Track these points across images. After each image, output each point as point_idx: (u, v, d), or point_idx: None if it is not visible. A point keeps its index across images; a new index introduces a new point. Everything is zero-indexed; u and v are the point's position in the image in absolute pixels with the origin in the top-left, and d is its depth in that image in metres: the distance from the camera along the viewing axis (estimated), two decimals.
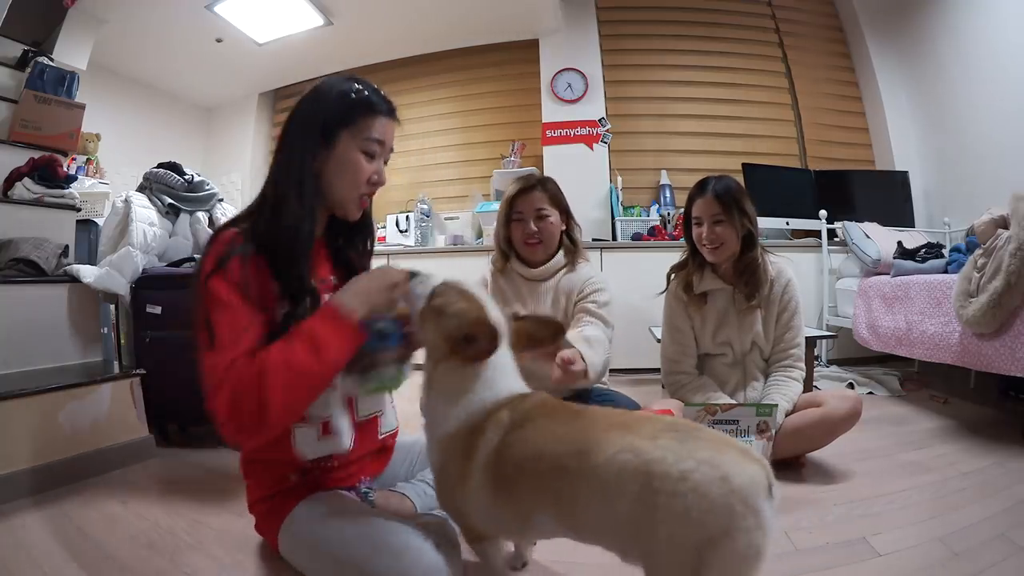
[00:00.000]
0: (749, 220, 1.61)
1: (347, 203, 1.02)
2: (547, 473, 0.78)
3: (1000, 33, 2.89)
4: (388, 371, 1.01)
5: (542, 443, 0.80)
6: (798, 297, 1.66)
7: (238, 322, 0.87)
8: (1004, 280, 1.67)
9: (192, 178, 2.28)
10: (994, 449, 1.68)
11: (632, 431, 0.74)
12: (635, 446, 0.71)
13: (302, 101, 1.00)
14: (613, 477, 0.71)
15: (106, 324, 2.16)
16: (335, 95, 0.97)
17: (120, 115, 3.94)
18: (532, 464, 0.79)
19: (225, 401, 0.81)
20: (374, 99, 0.99)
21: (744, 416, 1.37)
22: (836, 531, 1.19)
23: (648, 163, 3.70)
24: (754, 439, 1.35)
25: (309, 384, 0.85)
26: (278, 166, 0.98)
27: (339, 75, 1.03)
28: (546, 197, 1.73)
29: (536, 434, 0.82)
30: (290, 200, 0.93)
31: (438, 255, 3.38)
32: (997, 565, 1.02)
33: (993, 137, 2.96)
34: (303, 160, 0.95)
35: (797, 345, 1.63)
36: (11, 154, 2.13)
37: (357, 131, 0.97)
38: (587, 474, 0.74)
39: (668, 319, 1.76)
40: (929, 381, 2.67)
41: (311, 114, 0.97)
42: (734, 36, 3.81)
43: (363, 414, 1.09)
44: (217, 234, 0.96)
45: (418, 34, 3.93)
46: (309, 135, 0.96)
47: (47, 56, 2.50)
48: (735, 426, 1.36)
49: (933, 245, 2.64)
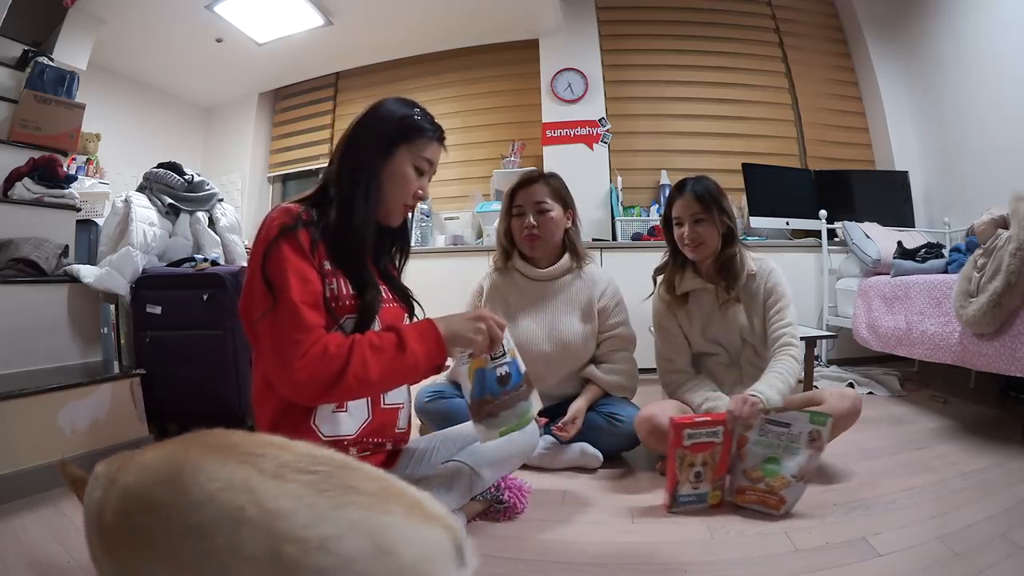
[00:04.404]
0: (728, 218, 1.63)
1: (394, 211, 1.12)
2: (137, 513, 0.55)
3: (1000, 33, 2.89)
4: (518, 409, 1.13)
5: (132, 477, 0.59)
6: (783, 282, 1.65)
7: (309, 283, 0.96)
8: (1004, 280, 1.67)
9: (192, 178, 2.28)
10: (994, 449, 1.68)
11: (248, 460, 0.51)
12: (250, 485, 0.49)
13: (366, 114, 1.11)
14: (213, 523, 0.48)
15: (106, 324, 2.16)
16: (399, 114, 1.09)
17: (120, 115, 3.94)
18: (121, 504, 0.58)
19: (313, 361, 0.90)
20: (431, 125, 1.12)
21: (797, 421, 1.28)
22: (836, 531, 1.19)
23: (648, 163, 3.70)
24: (803, 448, 1.28)
25: (394, 373, 0.97)
26: (345, 168, 1.07)
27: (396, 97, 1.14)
28: (548, 191, 1.72)
29: (130, 469, 0.61)
30: (358, 201, 1.04)
31: (438, 255, 3.37)
32: (997, 565, 1.02)
33: (993, 137, 2.96)
34: (371, 167, 1.06)
35: (789, 324, 1.60)
36: (11, 154, 2.13)
37: (414, 148, 1.09)
38: (182, 510, 0.50)
39: (657, 321, 1.77)
40: (929, 381, 2.68)
41: (376, 127, 1.08)
42: (734, 36, 3.81)
43: (388, 403, 1.14)
44: (282, 207, 1.02)
45: (418, 34, 3.93)
46: (375, 145, 1.07)
47: (47, 56, 2.50)
48: (787, 429, 1.29)
49: (933, 245, 2.64)
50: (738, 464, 1.34)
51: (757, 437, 1.33)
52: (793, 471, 1.27)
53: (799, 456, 1.28)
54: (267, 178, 4.66)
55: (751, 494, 1.31)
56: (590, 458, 1.62)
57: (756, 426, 1.32)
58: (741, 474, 1.33)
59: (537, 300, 1.76)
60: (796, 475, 1.27)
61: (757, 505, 1.30)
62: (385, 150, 1.07)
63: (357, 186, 1.05)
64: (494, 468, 1.26)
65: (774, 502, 1.28)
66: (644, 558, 1.12)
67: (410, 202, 1.12)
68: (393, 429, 1.17)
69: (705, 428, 1.29)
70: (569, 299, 1.75)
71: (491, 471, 1.25)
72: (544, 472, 1.60)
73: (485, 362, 1.11)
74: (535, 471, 1.58)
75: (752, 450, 1.32)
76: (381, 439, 1.15)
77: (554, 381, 1.74)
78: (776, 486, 1.28)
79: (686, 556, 1.12)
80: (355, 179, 1.05)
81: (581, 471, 1.62)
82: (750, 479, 1.31)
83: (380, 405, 1.12)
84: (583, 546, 1.18)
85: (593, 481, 1.56)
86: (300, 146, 4.52)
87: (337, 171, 1.07)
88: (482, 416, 1.13)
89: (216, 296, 1.89)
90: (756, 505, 1.30)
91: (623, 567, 1.09)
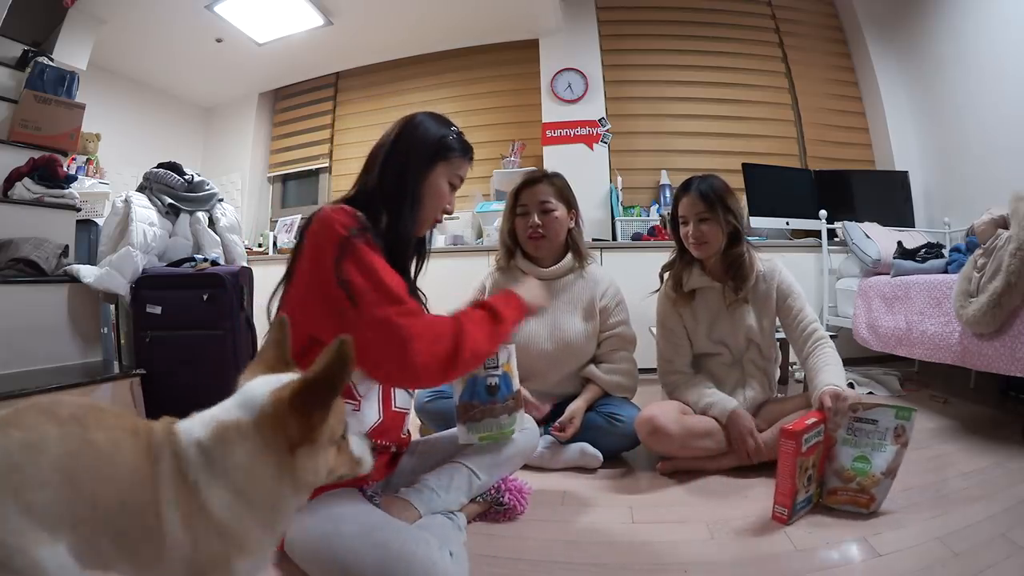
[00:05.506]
0: (734, 217, 1.62)
1: (426, 222, 1.17)
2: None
3: (1000, 33, 2.89)
4: (500, 420, 1.22)
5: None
6: (795, 282, 1.66)
7: (395, 275, 1.01)
8: (1004, 280, 1.67)
9: (192, 178, 2.28)
10: (994, 449, 1.67)
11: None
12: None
13: (404, 129, 1.14)
14: None
15: (106, 324, 2.16)
16: (439, 134, 1.15)
17: (120, 115, 3.94)
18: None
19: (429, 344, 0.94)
20: (466, 146, 1.19)
21: (884, 417, 1.27)
22: (836, 531, 1.19)
23: (648, 163, 3.70)
24: (889, 443, 1.26)
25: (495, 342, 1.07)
26: (389, 179, 1.11)
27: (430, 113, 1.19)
28: (552, 190, 1.72)
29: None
30: (405, 211, 1.10)
31: (438, 255, 3.36)
32: (997, 565, 1.02)
33: (993, 137, 2.96)
34: (415, 180, 1.12)
35: (814, 321, 1.61)
36: (11, 154, 2.13)
37: (450, 166, 1.16)
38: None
39: (660, 319, 1.76)
40: (929, 381, 2.68)
41: (418, 143, 1.13)
42: (734, 36, 3.81)
43: (398, 406, 1.17)
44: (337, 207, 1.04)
45: (418, 34, 3.93)
46: (419, 161, 1.12)
47: (47, 56, 2.50)
48: (875, 426, 1.26)
49: (933, 245, 2.64)
50: (828, 465, 1.31)
51: (845, 436, 1.30)
52: (882, 468, 1.25)
53: (886, 452, 1.26)
54: (267, 178, 4.66)
55: (843, 494, 1.28)
56: (590, 458, 1.62)
57: (844, 424, 1.30)
58: (833, 475, 1.30)
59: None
60: (885, 472, 1.25)
61: (848, 505, 1.27)
62: (426, 166, 1.13)
63: (404, 198, 1.10)
64: (494, 470, 1.26)
65: (865, 500, 1.26)
66: (644, 558, 1.12)
67: (439, 216, 1.18)
68: (399, 433, 1.20)
69: (814, 429, 1.25)
70: (571, 298, 1.75)
71: (491, 472, 1.25)
72: (544, 472, 1.60)
73: (479, 370, 1.18)
74: (535, 471, 1.58)
75: (841, 450, 1.30)
76: (387, 441, 1.16)
77: (555, 380, 1.74)
78: (867, 484, 1.25)
79: (686, 556, 1.12)
80: (401, 191, 1.10)
81: (581, 471, 1.62)
82: (842, 479, 1.28)
83: (392, 407, 1.14)
84: (583, 546, 1.18)
85: (593, 481, 1.56)
86: (300, 146, 4.53)
87: (379, 181, 1.11)
88: (465, 419, 1.22)
89: (216, 296, 1.89)
90: (847, 505, 1.27)
91: (623, 567, 1.09)
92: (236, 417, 0.62)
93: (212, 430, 0.61)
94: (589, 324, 1.74)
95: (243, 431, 0.61)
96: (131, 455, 0.59)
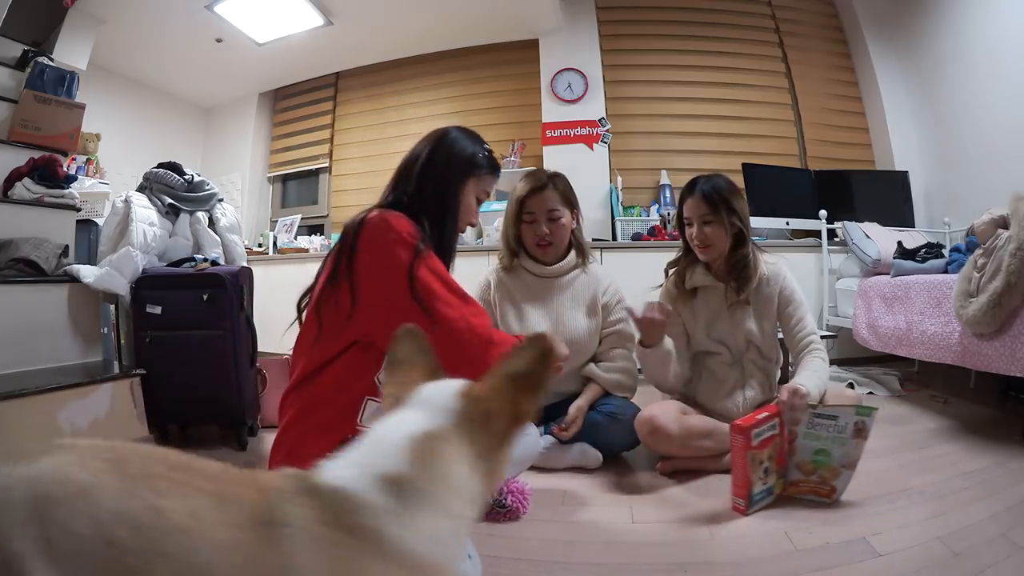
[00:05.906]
0: (739, 218, 1.60)
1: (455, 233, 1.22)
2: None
3: (1000, 32, 2.89)
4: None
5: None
6: (797, 288, 1.66)
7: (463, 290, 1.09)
8: (1004, 280, 1.67)
9: (192, 178, 2.28)
10: (994, 449, 1.67)
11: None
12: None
13: (440, 143, 1.20)
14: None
15: (106, 324, 2.16)
16: (472, 151, 1.21)
17: (120, 115, 3.94)
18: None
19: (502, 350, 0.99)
20: (495, 164, 1.26)
21: (844, 413, 1.32)
22: (836, 531, 1.19)
23: (648, 163, 3.70)
24: (849, 438, 1.32)
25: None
26: (429, 191, 1.16)
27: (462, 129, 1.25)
28: (558, 196, 1.73)
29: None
30: (448, 221, 1.17)
31: None
32: (997, 565, 1.02)
33: (993, 137, 2.96)
34: (457, 191, 1.18)
35: (812, 331, 1.61)
36: (11, 154, 2.13)
37: (480, 181, 1.22)
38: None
39: None
40: (929, 381, 2.67)
41: (454, 158, 1.18)
42: (734, 36, 3.81)
43: None
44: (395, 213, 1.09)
45: (418, 34, 3.93)
46: (455, 175, 1.18)
47: (47, 56, 2.50)
48: (835, 422, 1.33)
49: (933, 245, 2.64)
50: (790, 458, 1.38)
51: (806, 431, 1.36)
52: (842, 460, 1.32)
53: (847, 446, 1.32)
54: (267, 178, 4.66)
55: (803, 485, 1.37)
56: (590, 458, 1.62)
57: (804, 420, 1.36)
58: (794, 467, 1.38)
59: (543, 296, 1.77)
60: (845, 464, 1.32)
61: (810, 495, 1.36)
62: (461, 180, 1.19)
63: (447, 210, 1.16)
64: None
65: (826, 491, 1.34)
66: (644, 558, 1.12)
67: (464, 228, 1.24)
68: None
69: (766, 424, 1.31)
70: (575, 295, 1.77)
71: None
72: (544, 472, 1.60)
73: None
74: (535, 471, 1.58)
75: (803, 444, 1.37)
76: None
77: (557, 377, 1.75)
78: (828, 476, 1.34)
79: (686, 556, 1.12)
80: (443, 203, 1.16)
81: (581, 471, 1.62)
82: (803, 472, 1.36)
83: None
84: (583, 546, 1.18)
85: (593, 481, 1.56)
86: (300, 146, 4.53)
87: (419, 192, 1.16)
88: None
89: (216, 296, 1.89)
90: (809, 495, 1.36)
91: (623, 567, 1.09)
92: (435, 426, 0.51)
93: (407, 453, 0.48)
94: (592, 320, 1.75)
95: (449, 438, 0.51)
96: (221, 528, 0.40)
